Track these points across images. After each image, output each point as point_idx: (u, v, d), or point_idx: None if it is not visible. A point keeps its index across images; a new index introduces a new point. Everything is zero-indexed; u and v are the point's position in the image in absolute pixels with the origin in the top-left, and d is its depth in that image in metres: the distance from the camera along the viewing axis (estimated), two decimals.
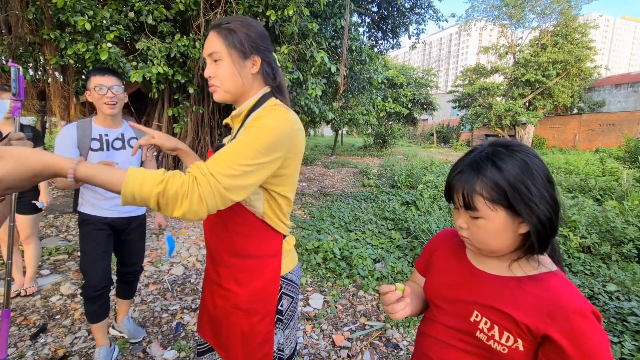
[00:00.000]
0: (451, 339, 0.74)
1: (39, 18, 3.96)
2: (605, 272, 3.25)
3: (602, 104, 23.64)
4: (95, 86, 1.68)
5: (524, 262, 0.69)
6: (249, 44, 0.92)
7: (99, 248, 1.82)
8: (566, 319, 0.60)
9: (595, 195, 5.82)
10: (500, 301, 0.67)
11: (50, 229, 4.34)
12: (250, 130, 0.82)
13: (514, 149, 0.66)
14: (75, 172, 0.66)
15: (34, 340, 2.17)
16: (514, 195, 0.63)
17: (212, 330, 1.08)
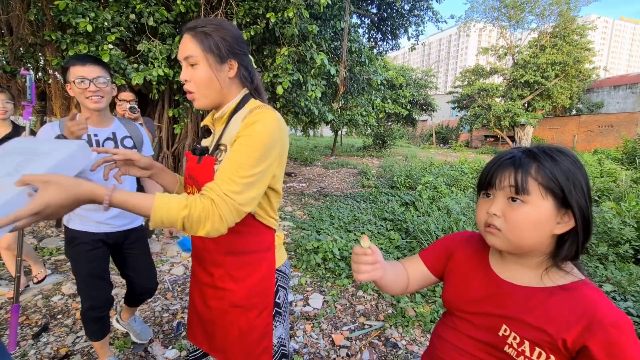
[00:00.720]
0: (474, 350, 0.72)
1: (40, 19, 3.98)
2: (602, 272, 3.28)
3: (601, 105, 23.74)
4: (76, 78, 1.42)
5: (554, 270, 0.66)
6: (225, 48, 0.91)
7: (96, 270, 1.62)
8: (604, 332, 0.58)
9: (592, 197, 5.85)
10: (531, 315, 0.64)
11: (50, 229, 4.35)
12: (245, 140, 0.84)
13: (563, 150, 0.65)
14: (110, 199, 0.72)
15: (36, 339, 2.19)
16: (569, 187, 0.61)
17: (205, 334, 1.07)
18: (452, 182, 7.18)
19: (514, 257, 0.70)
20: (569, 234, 0.64)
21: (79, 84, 1.43)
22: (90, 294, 1.63)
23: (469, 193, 6.27)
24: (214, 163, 0.92)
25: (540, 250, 0.66)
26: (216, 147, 0.95)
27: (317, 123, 10.59)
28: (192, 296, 1.12)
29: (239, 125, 0.90)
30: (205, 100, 0.94)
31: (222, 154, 0.92)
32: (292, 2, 3.88)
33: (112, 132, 1.62)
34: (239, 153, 0.84)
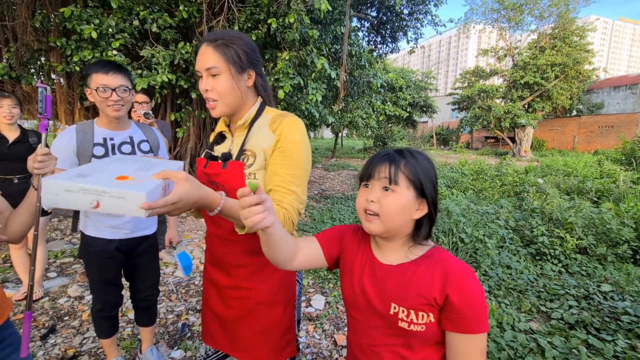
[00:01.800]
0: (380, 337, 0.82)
1: (45, 26, 4.05)
2: (601, 272, 3.32)
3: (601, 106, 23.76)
4: (98, 87, 1.42)
5: (416, 247, 0.82)
6: (245, 59, 0.96)
7: (108, 277, 1.67)
8: (456, 281, 0.74)
9: (592, 197, 5.88)
10: (408, 287, 0.78)
11: (55, 233, 4.40)
12: (288, 152, 0.95)
13: (421, 152, 0.83)
14: (223, 206, 0.80)
15: (44, 340, 2.24)
16: (425, 181, 0.78)
17: (226, 335, 1.09)
18: (452, 184, 7.21)
19: (385, 242, 0.84)
20: (423, 218, 0.80)
21: (102, 93, 1.43)
22: (102, 297, 1.69)
23: (469, 195, 6.31)
24: (243, 168, 0.97)
25: (404, 232, 0.81)
26: (241, 152, 0.99)
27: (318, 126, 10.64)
28: (209, 301, 1.14)
29: (267, 133, 0.97)
30: (226, 108, 0.98)
31: (250, 159, 0.98)
32: (293, 8, 3.94)
33: (129, 135, 1.62)
34: (288, 165, 0.95)
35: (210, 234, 1.10)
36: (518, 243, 3.94)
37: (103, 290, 1.68)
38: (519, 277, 3.22)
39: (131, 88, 1.54)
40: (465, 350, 0.74)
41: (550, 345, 2.14)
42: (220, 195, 0.80)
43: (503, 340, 2.16)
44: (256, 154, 0.97)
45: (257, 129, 1.00)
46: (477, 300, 0.73)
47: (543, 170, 9.66)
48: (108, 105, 1.46)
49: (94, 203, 0.66)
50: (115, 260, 1.65)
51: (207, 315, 1.16)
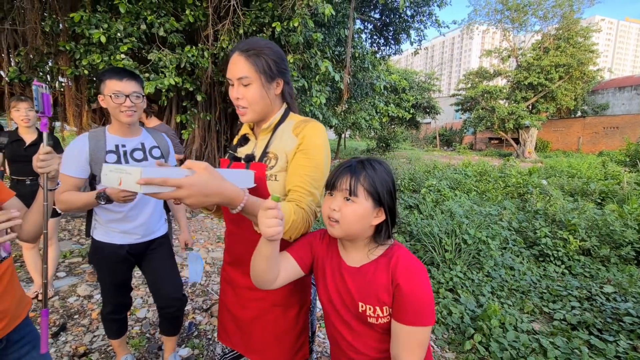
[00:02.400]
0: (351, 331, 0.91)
1: (55, 30, 4.13)
2: (604, 274, 3.33)
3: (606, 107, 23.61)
4: (112, 93, 1.43)
5: (376, 248, 0.90)
6: (275, 68, 1.00)
7: (118, 280, 1.69)
8: (406, 270, 0.82)
9: (595, 199, 5.87)
10: (370, 286, 0.86)
11: (63, 233, 4.48)
12: (309, 154, 0.99)
13: (382, 162, 0.90)
14: (246, 202, 0.80)
15: (55, 338, 2.29)
16: (383, 192, 0.85)
17: (241, 336, 1.10)
18: (455, 185, 7.22)
19: (349, 243, 0.91)
20: (382, 224, 0.87)
21: (115, 99, 1.44)
22: (112, 300, 1.72)
23: (473, 196, 6.32)
24: (265, 169, 1.00)
25: (364, 235, 0.88)
26: (264, 154, 1.03)
27: None
28: (226, 300, 1.17)
29: (291, 137, 1.01)
30: (255, 115, 1.02)
31: (273, 161, 1.01)
32: (297, 11, 3.99)
33: (141, 142, 1.63)
34: (308, 167, 0.98)
35: (230, 233, 1.12)
36: (521, 244, 3.95)
37: (114, 293, 1.70)
38: (521, 278, 3.24)
39: (144, 95, 1.55)
40: (405, 340, 0.80)
41: (553, 345, 2.16)
42: (243, 192, 0.81)
43: (505, 341, 2.18)
44: (278, 156, 1.01)
45: (281, 133, 1.04)
46: (423, 292, 0.80)
47: (547, 172, 9.64)
48: (121, 111, 1.47)
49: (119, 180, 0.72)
50: (126, 264, 1.66)
51: (224, 315, 1.18)
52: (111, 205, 1.53)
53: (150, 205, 1.66)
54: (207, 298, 2.91)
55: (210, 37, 4.44)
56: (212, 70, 4.61)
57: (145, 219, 1.64)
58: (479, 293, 2.93)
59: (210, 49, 4.39)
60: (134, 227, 1.61)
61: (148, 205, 1.65)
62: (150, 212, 1.67)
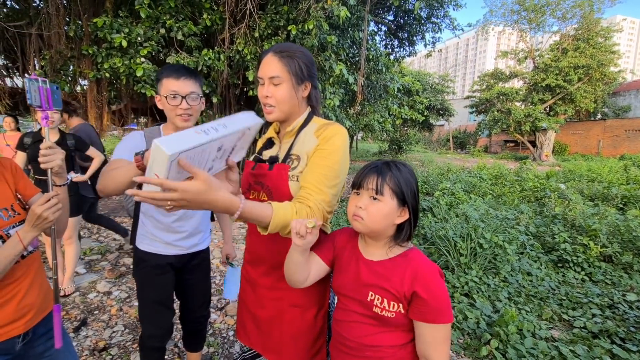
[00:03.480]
0: (357, 317, 0.95)
1: (78, 35, 4.28)
2: (626, 281, 3.22)
3: (628, 109, 22.85)
4: (169, 94, 1.32)
5: (395, 247, 0.94)
6: (306, 71, 1.04)
7: (162, 296, 1.54)
8: (423, 279, 0.86)
9: (617, 204, 5.69)
10: (386, 280, 0.90)
11: (83, 231, 4.61)
12: (325, 153, 1.00)
13: (405, 164, 0.94)
14: (242, 209, 0.80)
15: (76, 332, 2.37)
16: (407, 191, 0.89)
17: (260, 335, 1.11)
18: (470, 189, 7.11)
19: (371, 240, 0.96)
20: (404, 223, 0.92)
21: (171, 100, 1.33)
22: (153, 320, 1.53)
23: (488, 199, 6.21)
24: (287, 170, 1.03)
25: (386, 234, 0.93)
26: (287, 156, 1.06)
27: None
28: (246, 299, 1.18)
29: (312, 139, 1.04)
30: (281, 114, 1.05)
31: (295, 162, 1.04)
32: (312, 14, 4.02)
33: None
34: (323, 166, 0.99)
35: (251, 232, 1.14)
36: (539, 249, 3.86)
37: (155, 312, 1.52)
38: (539, 284, 3.17)
39: (202, 95, 1.43)
40: (431, 337, 0.86)
41: (573, 354, 2.11)
42: (239, 200, 0.80)
43: (523, 347, 2.14)
44: (300, 157, 1.04)
45: (304, 136, 1.07)
46: (440, 295, 0.85)
47: (565, 176, 9.38)
48: (177, 114, 1.35)
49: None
50: (169, 277, 1.54)
51: (243, 313, 1.20)
52: (156, 214, 1.46)
53: (197, 215, 1.56)
54: (221, 297, 2.95)
55: (226, 40, 4.52)
56: (227, 72, 4.69)
57: (191, 231, 1.55)
58: (495, 298, 2.88)
59: (226, 52, 4.46)
60: (179, 238, 1.51)
61: (195, 216, 1.55)
62: (196, 224, 1.56)
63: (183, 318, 1.73)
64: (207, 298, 1.74)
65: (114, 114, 5.95)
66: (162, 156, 0.67)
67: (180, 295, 1.68)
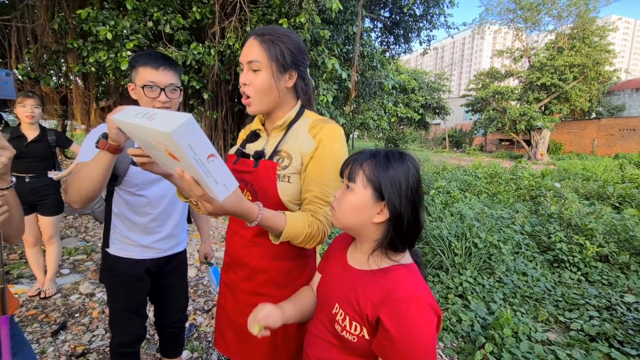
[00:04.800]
0: (321, 333, 0.82)
1: (63, 28, 4.14)
2: (623, 282, 3.17)
3: (622, 109, 22.98)
4: (145, 84, 1.19)
5: (380, 256, 0.75)
6: (290, 58, 0.93)
7: (134, 304, 1.43)
8: (393, 305, 0.66)
9: (613, 203, 5.66)
10: (354, 293, 0.74)
11: (70, 230, 4.49)
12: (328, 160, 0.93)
13: (405, 157, 0.75)
14: (262, 217, 0.77)
15: (54, 337, 2.26)
16: (386, 183, 0.71)
17: (239, 344, 1.05)
18: (465, 187, 7.06)
19: (358, 243, 0.81)
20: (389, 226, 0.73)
21: (148, 92, 1.20)
22: (122, 328, 1.43)
23: (483, 198, 6.16)
24: (275, 168, 0.93)
25: (368, 235, 0.76)
26: (275, 152, 0.96)
27: None
28: (225, 306, 1.10)
29: (307, 138, 0.95)
30: (261, 106, 0.96)
31: (286, 160, 0.94)
32: (305, 8, 3.92)
33: None
34: (324, 175, 0.92)
35: (233, 233, 1.05)
36: (534, 249, 3.81)
37: (125, 321, 1.43)
38: (535, 285, 3.11)
39: (181, 88, 1.32)
40: None
41: (570, 357, 2.04)
42: (258, 208, 0.78)
43: (519, 351, 2.07)
44: (292, 156, 0.94)
45: (296, 131, 0.97)
46: (415, 335, 0.64)
47: (560, 174, 9.38)
48: (154, 106, 1.22)
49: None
50: (143, 285, 1.43)
51: (222, 320, 1.11)
52: (131, 214, 1.34)
53: (175, 215, 1.45)
54: (209, 299, 2.85)
55: (217, 34, 4.40)
56: (218, 68, 4.57)
57: (169, 232, 1.44)
58: (490, 299, 2.81)
59: (216, 47, 4.34)
60: (156, 240, 1.40)
61: (172, 216, 1.45)
62: (174, 223, 1.45)
63: (159, 324, 1.61)
64: (184, 302, 1.64)
65: (103, 110, 5.81)
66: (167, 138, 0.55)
67: (155, 300, 1.56)
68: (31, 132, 2.60)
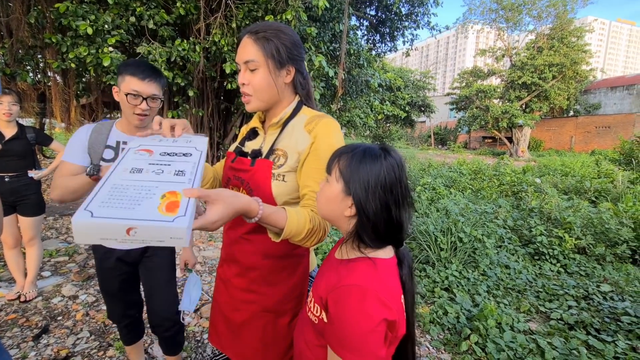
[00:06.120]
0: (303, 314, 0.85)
1: (40, 22, 3.99)
2: (600, 273, 3.31)
3: (598, 107, 23.87)
4: (129, 93, 1.29)
5: (351, 247, 0.77)
6: (285, 54, 0.92)
7: (107, 287, 1.53)
8: (338, 290, 0.69)
9: (590, 197, 5.89)
10: (320, 280, 0.79)
11: (50, 231, 4.35)
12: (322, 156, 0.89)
13: (388, 154, 0.75)
14: (262, 213, 0.75)
15: (36, 341, 2.19)
16: (353, 178, 0.72)
17: (231, 339, 1.06)
18: (450, 184, 7.20)
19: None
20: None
21: (131, 99, 1.30)
22: (108, 306, 1.59)
23: (468, 194, 6.30)
24: (271, 167, 0.93)
25: (343, 227, 0.78)
26: (271, 151, 0.95)
27: None
28: (219, 299, 1.10)
29: (303, 134, 0.94)
30: (261, 104, 0.95)
31: (281, 159, 0.94)
32: (291, 4, 3.90)
33: None
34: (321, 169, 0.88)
35: (228, 228, 1.05)
36: (516, 243, 3.93)
37: (107, 301, 1.58)
38: (517, 277, 3.21)
39: (161, 98, 1.41)
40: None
41: (550, 346, 2.12)
42: (258, 204, 0.76)
43: (502, 341, 2.14)
44: (288, 154, 0.93)
45: (291, 129, 0.97)
46: (350, 322, 0.66)
47: (540, 170, 9.67)
48: (135, 113, 1.34)
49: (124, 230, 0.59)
50: (115, 272, 1.49)
51: (216, 315, 1.12)
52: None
53: None
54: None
55: (202, 30, 4.33)
56: (203, 65, 4.50)
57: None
58: (475, 292, 2.89)
59: (202, 43, 4.27)
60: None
61: None
62: None
63: (149, 320, 1.60)
64: (169, 297, 1.56)
65: (84, 107, 5.63)
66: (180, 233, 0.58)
67: (145, 292, 1.59)
68: (9, 130, 2.51)
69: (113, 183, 0.68)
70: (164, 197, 0.64)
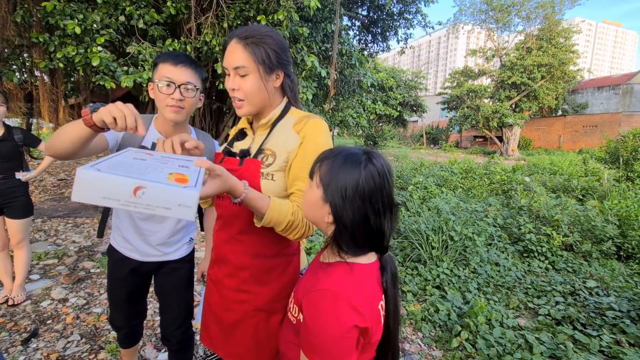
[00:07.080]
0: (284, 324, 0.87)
1: (27, 21, 3.92)
2: (586, 269, 3.39)
3: (585, 106, 24.36)
4: (162, 80, 1.17)
5: (330, 251, 0.79)
6: (275, 59, 0.93)
7: (117, 297, 1.46)
8: (312, 293, 0.70)
9: (577, 195, 6.01)
10: (300, 285, 0.81)
11: (39, 234, 4.28)
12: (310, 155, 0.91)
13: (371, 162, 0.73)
14: (245, 196, 0.80)
15: (25, 345, 2.16)
16: (330, 185, 0.72)
17: (223, 339, 1.06)
18: (442, 183, 7.28)
19: None
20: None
21: (164, 88, 1.17)
22: (111, 310, 1.53)
23: (459, 193, 6.38)
24: (259, 166, 0.94)
25: (325, 231, 0.79)
26: (259, 151, 0.97)
27: None
28: (210, 301, 1.10)
29: (291, 134, 0.96)
30: (252, 108, 0.96)
31: (270, 158, 0.95)
32: (283, 4, 3.91)
33: None
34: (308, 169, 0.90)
35: (219, 229, 1.06)
36: (506, 240, 4.00)
37: (110, 304, 1.52)
38: (507, 274, 3.27)
39: (200, 90, 1.27)
40: None
41: (538, 341, 2.17)
42: (244, 186, 0.81)
43: (492, 337, 2.18)
44: (277, 154, 0.95)
45: (280, 129, 0.98)
46: (318, 327, 0.66)
47: (530, 169, 9.84)
48: (168, 104, 1.19)
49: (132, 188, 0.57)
50: (126, 283, 1.42)
51: (208, 316, 1.12)
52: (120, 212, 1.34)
53: (167, 224, 1.37)
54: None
55: (193, 30, 4.30)
56: None
57: (161, 240, 1.36)
58: (466, 289, 2.93)
59: (193, 43, 4.25)
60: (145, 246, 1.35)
61: (164, 225, 1.36)
62: (169, 232, 1.37)
63: (161, 331, 1.56)
64: (182, 315, 1.49)
65: (73, 108, 5.55)
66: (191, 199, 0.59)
67: (159, 302, 1.53)
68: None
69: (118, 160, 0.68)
70: (172, 175, 0.65)
